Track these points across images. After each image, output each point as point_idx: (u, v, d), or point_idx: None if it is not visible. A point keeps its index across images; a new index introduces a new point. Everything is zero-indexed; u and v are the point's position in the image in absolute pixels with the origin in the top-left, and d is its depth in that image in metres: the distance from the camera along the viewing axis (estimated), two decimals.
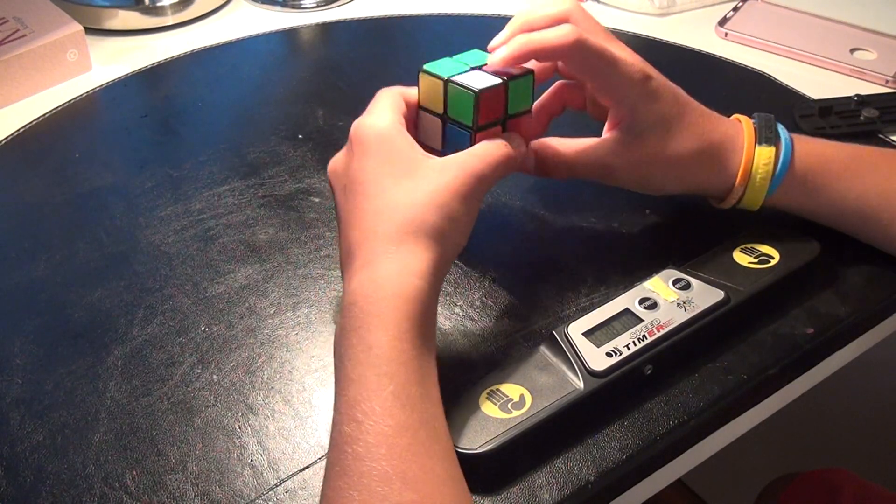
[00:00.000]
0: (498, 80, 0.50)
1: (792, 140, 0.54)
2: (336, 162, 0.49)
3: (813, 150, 0.55)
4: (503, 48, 0.49)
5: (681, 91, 0.54)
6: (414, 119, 0.51)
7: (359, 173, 0.46)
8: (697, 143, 0.53)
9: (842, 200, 0.54)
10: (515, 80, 0.50)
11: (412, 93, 0.51)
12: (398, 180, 0.45)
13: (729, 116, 0.56)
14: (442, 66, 0.51)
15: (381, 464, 0.38)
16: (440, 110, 0.50)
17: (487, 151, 0.47)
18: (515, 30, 0.50)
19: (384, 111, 0.48)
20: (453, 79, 0.49)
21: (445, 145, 0.51)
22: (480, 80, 0.49)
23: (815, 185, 0.54)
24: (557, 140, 0.54)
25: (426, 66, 0.50)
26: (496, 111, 0.50)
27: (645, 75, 0.52)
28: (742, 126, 0.55)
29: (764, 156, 0.53)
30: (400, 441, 0.39)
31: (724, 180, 0.54)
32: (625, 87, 0.51)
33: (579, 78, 0.54)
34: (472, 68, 0.51)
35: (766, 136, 0.54)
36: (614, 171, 0.54)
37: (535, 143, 0.54)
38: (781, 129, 0.54)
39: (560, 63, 0.54)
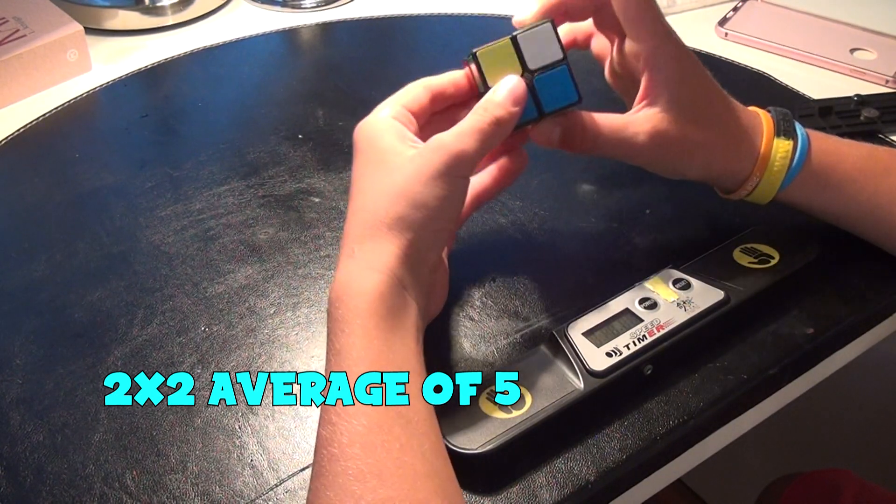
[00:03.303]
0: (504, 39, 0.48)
1: (808, 136, 0.54)
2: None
3: (828, 147, 0.54)
4: (529, 10, 0.50)
5: (710, 75, 0.53)
6: (443, 108, 0.49)
7: (353, 178, 0.46)
8: (723, 129, 0.53)
9: (853, 200, 0.54)
10: (525, 32, 0.48)
11: (441, 81, 0.49)
12: (373, 177, 0.45)
13: None
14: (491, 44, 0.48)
15: (356, 462, 0.38)
16: (520, 70, 0.48)
17: (467, 125, 0.45)
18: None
19: (382, 107, 0.47)
20: (516, 34, 0.47)
21: (544, 104, 0.49)
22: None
23: (828, 182, 0.54)
24: (585, 113, 0.52)
25: (478, 49, 0.48)
26: (512, 68, 0.48)
27: (682, 52, 0.51)
28: (761, 118, 0.54)
29: (782, 148, 0.53)
30: (374, 439, 0.39)
31: (741, 169, 0.54)
32: (659, 55, 0.50)
33: (615, 28, 0.52)
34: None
35: (784, 129, 0.54)
36: (639, 149, 0.51)
37: (560, 120, 0.51)
38: (798, 125, 0.54)
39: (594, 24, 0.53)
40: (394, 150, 0.45)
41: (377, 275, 0.42)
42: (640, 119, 0.51)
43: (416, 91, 0.48)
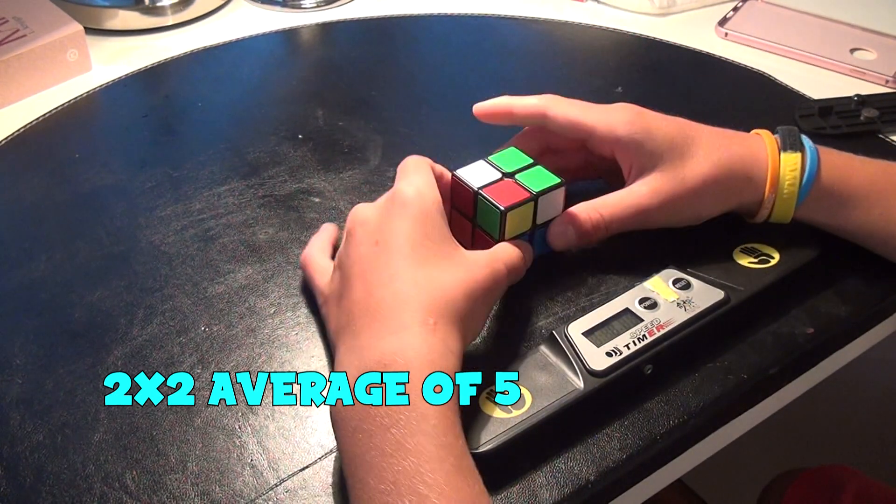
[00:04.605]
0: (527, 195, 0.51)
1: (817, 149, 0.53)
2: (367, 212, 0.48)
3: (839, 161, 0.54)
4: (485, 103, 0.56)
5: (685, 120, 0.54)
6: (443, 190, 0.52)
7: (398, 235, 0.45)
8: (718, 160, 0.53)
9: (866, 215, 0.54)
10: (545, 194, 0.51)
11: (437, 169, 0.51)
12: (436, 259, 0.45)
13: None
14: (474, 172, 0.52)
15: None
16: (530, 224, 0.52)
17: (511, 257, 0.49)
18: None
19: (429, 184, 0.48)
20: (483, 191, 0.51)
21: (536, 249, 0.53)
22: (509, 195, 0.51)
23: (843, 197, 0.53)
24: (585, 205, 0.54)
25: (458, 172, 0.52)
26: (524, 225, 0.52)
27: (634, 113, 0.53)
28: (763, 138, 0.54)
29: (790, 162, 0.53)
30: None
31: (754, 194, 0.54)
32: (611, 129, 0.53)
33: (568, 136, 0.56)
34: (504, 175, 0.52)
35: (789, 143, 0.53)
36: (650, 213, 0.53)
37: (567, 215, 0.53)
38: (805, 139, 0.54)
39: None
40: (451, 241, 0.47)
41: (454, 359, 0.42)
42: (638, 187, 0.54)
43: (430, 171, 0.49)
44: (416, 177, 0.48)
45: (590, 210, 0.53)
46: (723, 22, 0.83)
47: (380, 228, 0.46)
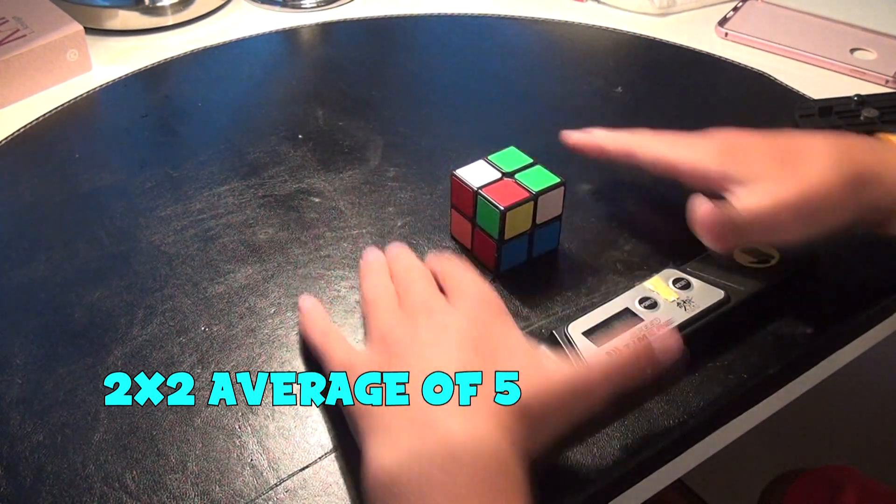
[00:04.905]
0: (527, 195, 0.51)
1: None
2: (433, 302, 0.46)
3: None
4: (577, 134, 0.57)
5: (793, 132, 0.52)
6: None
7: (468, 329, 0.44)
8: (838, 159, 0.49)
9: None
10: (545, 194, 0.52)
11: None
12: (498, 358, 0.42)
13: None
14: (474, 172, 0.52)
15: None
16: (530, 224, 0.53)
17: (614, 365, 0.42)
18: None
19: (489, 287, 0.47)
20: (482, 190, 0.51)
21: (535, 250, 0.54)
22: (509, 194, 0.51)
23: None
24: (722, 207, 0.50)
25: (458, 171, 0.52)
26: (524, 224, 0.52)
27: (721, 143, 0.53)
28: (892, 141, 0.52)
29: None
30: None
31: (885, 198, 0.50)
32: (698, 165, 0.53)
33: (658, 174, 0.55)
34: (504, 175, 0.52)
35: None
36: (781, 217, 0.49)
37: (708, 211, 0.50)
38: None
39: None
40: (522, 350, 0.44)
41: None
42: (759, 193, 0.50)
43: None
44: (477, 279, 0.47)
45: (731, 216, 0.50)
46: (723, 22, 0.83)
47: (449, 319, 0.44)
